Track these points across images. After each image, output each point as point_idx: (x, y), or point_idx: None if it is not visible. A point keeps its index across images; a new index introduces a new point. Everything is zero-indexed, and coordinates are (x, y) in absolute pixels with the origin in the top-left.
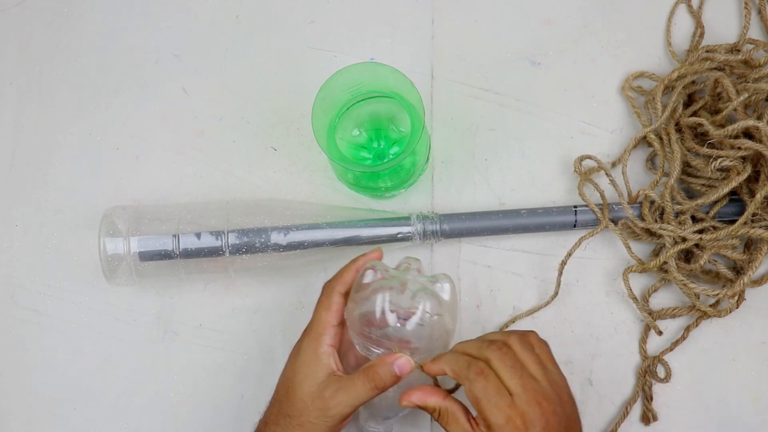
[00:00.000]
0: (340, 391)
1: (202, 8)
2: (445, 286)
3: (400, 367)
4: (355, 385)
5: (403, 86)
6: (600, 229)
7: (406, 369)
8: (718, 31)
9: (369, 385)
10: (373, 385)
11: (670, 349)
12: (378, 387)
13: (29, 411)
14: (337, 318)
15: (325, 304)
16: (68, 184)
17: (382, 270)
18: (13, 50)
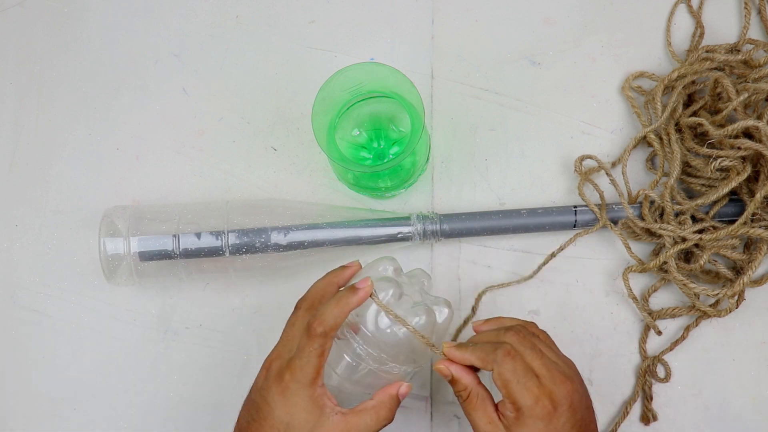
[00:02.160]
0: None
1: (202, 8)
2: (443, 310)
3: (403, 394)
4: (364, 422)
5: (403, 86)
6: (597, 228)
7: (407, 393)
8: (718, 31)
9: (380, 423)
10: (384, 419)
11: (670, 349)
12: (387, 419)
13: (29, 411)
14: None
15: (319, 349)
16: (68, 184)
17: (397, 269)
18: (13, 50)
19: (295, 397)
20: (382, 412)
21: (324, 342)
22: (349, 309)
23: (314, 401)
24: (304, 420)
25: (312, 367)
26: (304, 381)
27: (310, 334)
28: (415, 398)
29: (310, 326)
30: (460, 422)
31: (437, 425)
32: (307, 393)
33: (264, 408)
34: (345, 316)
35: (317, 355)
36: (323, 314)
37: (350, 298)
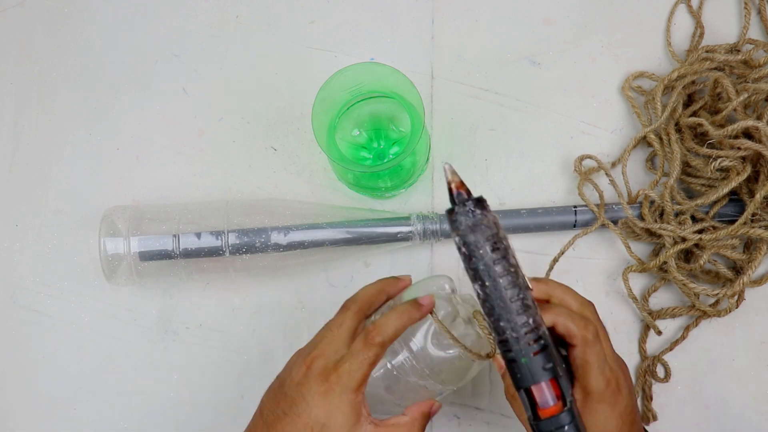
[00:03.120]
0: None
1: (202, 8)
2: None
3: (434, 412)
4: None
5: (403, 86)
6: (594, 227)
7: (437, 412)
8: (717, 31)
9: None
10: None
11: (670, 349)
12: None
13: (29, 411)
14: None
15: (372, 358)
16: (68, 184)
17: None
18: (13, 50)
19: (337, 399)
20: (413, 430)
21: (379, 352)
22: (410, 323)
23: (354, 407)
24: (340, 424)
25: (361, 374)
26: (351, 386)
27: (367, 342)
28: None
29: (369, 334)
30: (460, 422)
31: (437, 425)
32: (349, 398)
33: (300, 405)
34: (404, 329)
35: (369, 363)
36: (384, 325)
37: (413, 312)
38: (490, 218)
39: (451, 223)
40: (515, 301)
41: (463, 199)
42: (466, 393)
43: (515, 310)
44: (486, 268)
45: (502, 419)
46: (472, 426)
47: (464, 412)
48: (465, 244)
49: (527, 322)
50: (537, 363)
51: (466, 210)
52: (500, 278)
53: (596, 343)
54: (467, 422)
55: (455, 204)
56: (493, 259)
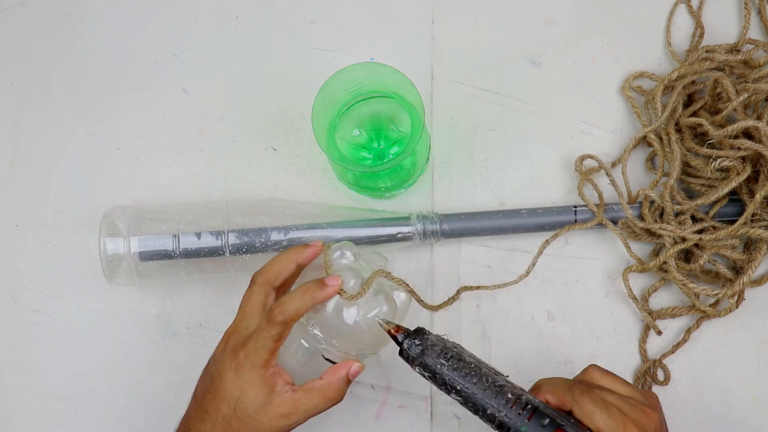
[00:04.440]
0: (296, 410)
1: (202, 8)
2: (401, 295)
3: (353, 374)
4: (312, 402)
5: (403, 86)
6: (592, 224)
7: (358, 373)
8: (718, 31)
9: (327, 403)
10: (331, 402)
11: (671, 352)
12: (335, 399)
13: (30, 411)
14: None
15: (276, 335)
16: (68, 184)
17: (354, 253)
18: (13, 50)
19: (247, 374)
20: (329, 392)
21: (282, 330)
22: (313, 303)
23: (265, 380)
24: (253, 397)
25: (267, 350)
26: (257, 362)
27: (269, 320)
28: (415, 398)
29: (271, 312)
30: (460, 422)
31: (437, 425)
32: (258, 372)
33: (217, 380)
34: (308, 309)
35: (273, 340)
36: (287, 303)
37: (317, 292)
38: (432, 338)
39: (407, 359)
40: (488, 389)
41: (404, 338)
42: None
43: (492, 395)
44: (451, 377)
45: None
46: (472, 426)
47: (464, 411)
48: (425, 367)
49: (508, 399)
50: (535, 425)
51: (410, 344)
52: (465, 378)
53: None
54: (467, 422)
55: (400, 344)
56: (451, 367)
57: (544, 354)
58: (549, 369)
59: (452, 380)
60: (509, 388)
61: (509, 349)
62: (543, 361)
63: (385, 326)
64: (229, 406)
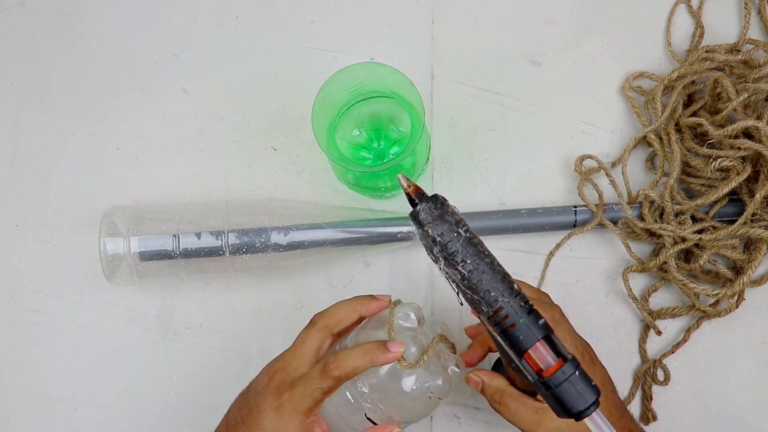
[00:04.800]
0: None
1: (202, 8)
2: (456, 370)
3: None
4: None
5: (403, 86)
6: (591, 226)
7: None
8: (718, 31)
9: None
10: None
11: (672, 352)
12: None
13: (29, 411)
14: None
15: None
16: (68, 184)
17: (418, 317)
18: (13, 50)
19: (288, 417)
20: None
21: (333, 385)
22: (372, 365)
23: (304, 427)
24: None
25: (313, 399)
26: (301, 408)
27: (323, 372)
28: None
29: (328, 365)
30: (460, 422)
31: (437, 425)
32: (299, 419)
33: (255, 415)
34: (365, 369)
35: (322, 392)
36: (345, 360)
37: (378, 356)
38: (452, 207)
39: (420, 221)
40: (497, 271)
41: (423, 198)
42: (466, 393)
43: (499, 279)
44: (463, 248)
45: (501, 419)
46: (472, 426)
47: (464, 412)
48: (439, 233)
49: (513, 288)
50: (532, 321)
51: (430, 205)
52: (478, 254)
53: (564, 321)
54: (467, 422)
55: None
56: (467, 239)
57: None
58: None
59: (464, 252)
60: (512, 279)
61: None
62: None
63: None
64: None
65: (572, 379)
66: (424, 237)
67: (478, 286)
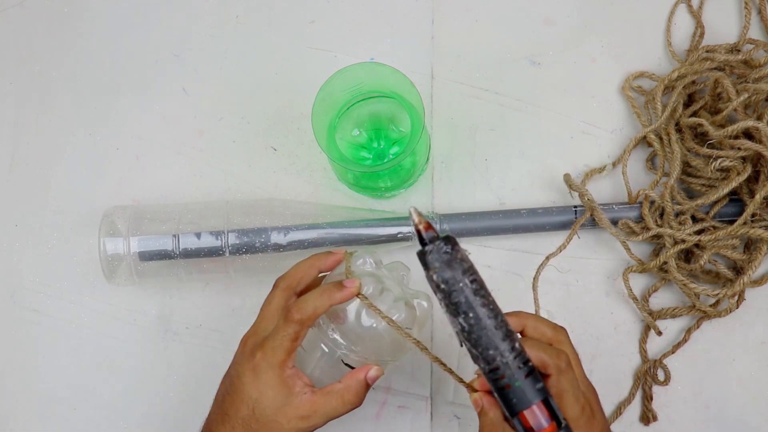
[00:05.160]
0: (315, 412)
1: (202, 8)
2: (422, 304)
3: (373, 378)
4: (330, 405)
5: (403, 86)
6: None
7: (377, 378)
8: (718, 31)
9: (345, 406)
10: (349, 405)
11: (672, 352)
12: (353, 403)
13: (29, 411)
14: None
15: (292, 334)
16: (68, 184)
17: (378, 262)
18: (13, 50)
19: (265, 375)
20: (347, 396)
21: (299, 329)
22: (330, 304)
23: (283, 381)
24: (272, 398)
25: (283, 350)
26: (274, 362)
27: (286, 319)
28: (415, 398)
29: (289, 311)
30: (460, 422)
31: (437, 425)
32: (276, 373)
33: (236, 383)
34: (325, 309)
35: (290, 339)
36: (304, 303)
37: (335, 293)
38: (462, 253)
39: (427, 263)
40: (500, 329)
41: (433, 238)
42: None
43: (501, 337)
44: (467, 301)
45: None
46: (472, 426)
47: (464, 412)
48: (444, 280)
49: (514, 347)
50: (529, 385)
51: (440, 248)
52: (482, 308)
53: (569, 371)
54: (467, 422)
55: (426, 244)
56: (473, 290)
57: None
58: None
59: (467, 304)
60: (516, 338)
61: None
62: None
63: (415, 218)
64: (248, 407)
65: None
66: (429, 280)
67: (478, 342)
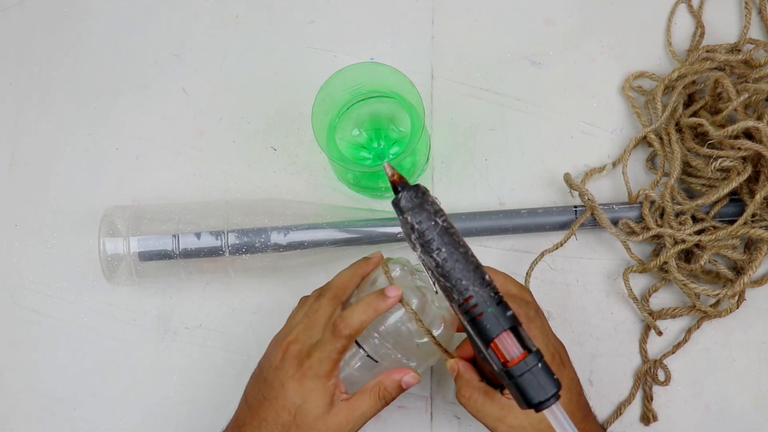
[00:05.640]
0: (351, 415)
1: (202, 8)
2: (447, 316)
3: (408, 383)
4: (366, 404)
5: (403, 86)
6: (583, 218)
7: (412, 384)
8: (718, 31)
9: (379, 402)
10: (383, 401)
11: (672, 352)
12: (386, 400)
13: (29, 411)
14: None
15: (340, 348)
16: (68, 184)
17: (411, 272)
18: (13, 50)
19: (311, 383)
20: (382, 391)
21: (346, 343)
22: (376, 315)
23: (326, 390)
24: (314, 405)
25: (331, 362)
26: (321, 372)
27: (334, 333)
28: (415, 398)
29: (336, 326)
30: (460, 422)
31: (437, 425)
32: (321, 382)
33: (278, 389)
34: (371, 320)
35: (338, 352)
36: (350, 317)
37: (379, 303)
38: (432, 198)
39: (401, 208)
40: (469, 262)
41: (405, 186)
42: None
43: (471, 269)
44: (439, 237)
45: None
46: (472, 426)
47: (464, 412)
48: (417, 221)
49: (485, 279)
50: (500, 312)
51: (411, 194)
52: (453, 244)
53: (537, 319)
54: (467, 422)
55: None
56: (444, 228)
57: None
58: None
59: (439, 241)
60: (484, 269)
61: None
62: None
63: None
64: (290, 413)
65: (534, 371)
66: (404, 224)
67: (451, 274)
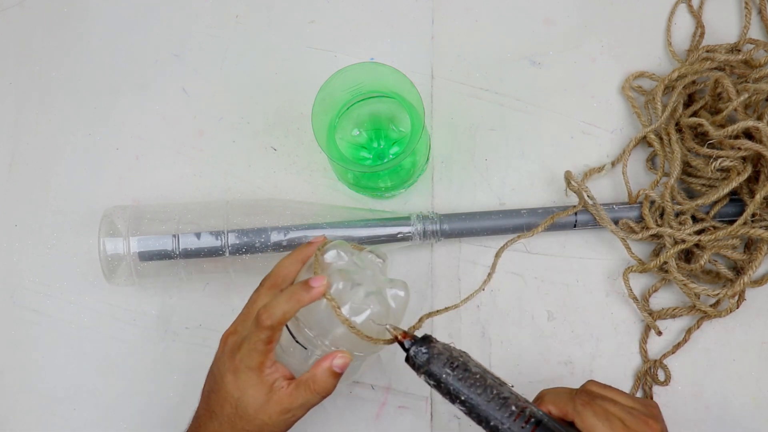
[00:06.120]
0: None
1: (202, 8)
2: (399, 293)
3: (340, 366)
4: (303, 396)
5: (403, 86)
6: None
7: (345, 365)
8: (718, 31)
9: (314, 394)
10: (318, 392)
11: (672, 352)
12: (323, 393)
13: (29, 411)
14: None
15: (266, 339)
16: (68, 184)
17: (348, 253)
18: (13, 50)
19: (245, 375)
20: (315, 385)
21: (271, 334)
22: (299, 306)
23: (262, 380)
24: (252, 396)
25: (259, 353)
26: (252, 365)
27: (257, 325)
28: (415, 398)
29: (259, 317)
30: (460, 422)
31: (437, 425)
32: (255, 374)
33: (219, 382)
34: (295, 311)
35: (264, 343)
36: (273, 308)
37: (302, 295)
38: (439, 347)
39: (413, 366)
40: (492, 401)
41: (411, 345)
42: None
43: (496, 407)
44: (456, 387)
45: None
46: (472, 426)
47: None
48: (430, 376)
49: (512, 411)
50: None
51: (417, 351)
52: (473, 386)
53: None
54: (467, 422)
55: (407, 350)
56: (458, 377)
57: (544, 354)
58: (549, 369)
59: (457, 390)
60: (513, 400)
61: (509, 350)
62: (543, 361)
63: (392, 332)
64: (232, 406)
65: None
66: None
67: (480, 418)
